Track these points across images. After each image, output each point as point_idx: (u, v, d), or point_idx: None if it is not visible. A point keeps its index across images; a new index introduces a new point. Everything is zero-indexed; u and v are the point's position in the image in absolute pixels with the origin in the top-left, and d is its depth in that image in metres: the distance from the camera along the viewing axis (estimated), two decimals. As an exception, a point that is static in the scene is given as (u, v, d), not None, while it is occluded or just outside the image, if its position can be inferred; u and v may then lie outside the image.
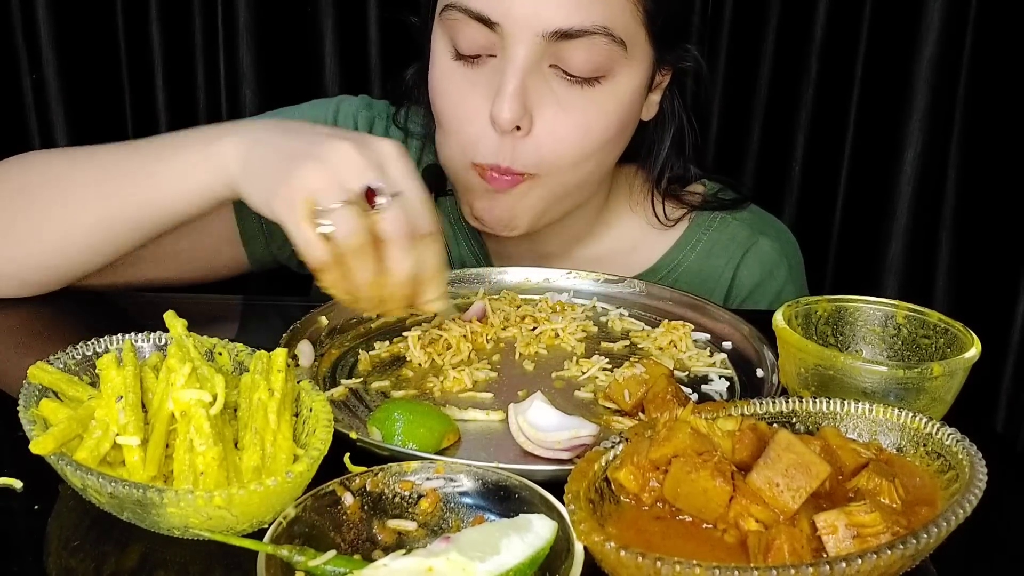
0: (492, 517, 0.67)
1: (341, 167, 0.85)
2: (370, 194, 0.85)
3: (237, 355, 0.80)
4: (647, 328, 1.04)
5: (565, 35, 1.02)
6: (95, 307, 1.03)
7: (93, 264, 1.03)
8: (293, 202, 0.84)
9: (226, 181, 0.94)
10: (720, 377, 0.95)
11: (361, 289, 0.85)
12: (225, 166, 0.93)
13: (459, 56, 1.08)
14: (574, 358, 0.96)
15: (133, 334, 0.80)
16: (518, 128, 1.04)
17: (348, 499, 0.66)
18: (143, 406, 0.70)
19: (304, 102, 1.33)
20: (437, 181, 1.18)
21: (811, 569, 0.55)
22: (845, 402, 0.74)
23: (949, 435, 0.69)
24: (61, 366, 0.76)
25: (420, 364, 0.95)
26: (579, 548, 0.61)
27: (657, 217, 1.26)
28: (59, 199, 1.00)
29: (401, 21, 1.24)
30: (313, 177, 0.84)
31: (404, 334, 0.98)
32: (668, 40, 1.13)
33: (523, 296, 1.09)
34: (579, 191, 1.15)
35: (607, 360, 0.95)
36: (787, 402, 0.74)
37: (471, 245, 1.28)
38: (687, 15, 1.22)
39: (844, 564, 0.56)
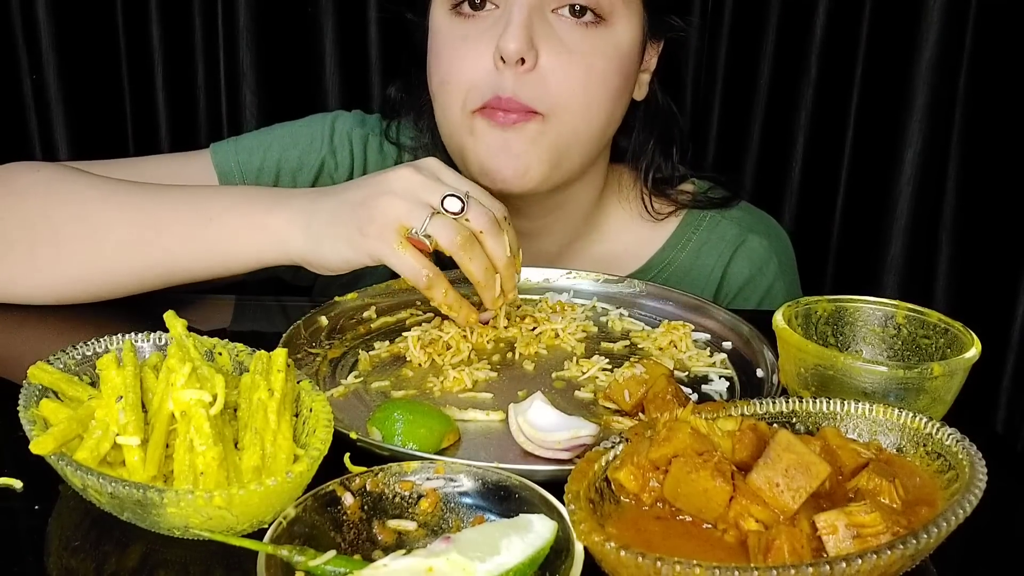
0: (492, 517, 0.67)
1: (413, 189, 0.93)
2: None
3: (237, 355, 0.80)
4: (647, 328, 1.04)
5: None
6: (95, 307, 1.03)
7: (115, 296, 1.04)
8: (386, 234, 0.91)
9: (282, 253, 0.99)
10: (720, 377, 0.95)
11: (481, 281, 0.95)
12: (283, 240, 0.98)
13: (458, 13, 1.11)
14: (574, 358, 0.96)
15: (133, 334, 0.80)
16: (523, 62, 1.06)
17: (348, 499, 0.66)
18: (143, 406, 0.70)
19: (302, 104, 1.33)
20: None
21: (811, 569, 0.55)
22: (845, 402, 0.74)
23: (949, 435, 0.69)
24: (61, 366, 0.76)
25: (420, 364, 0.95)
26: (579, 548, 0.61)
27: (647, 210, 1.27)
28: (90, 240, 1.01)
29: (401, 24, 1.24)
30: (394, 207, 0.92)
31: (404, 334, 0.98)
32: (660, 3, 1.16)
33: (523, 296, 1.09)
34: (586, 147, 1.15)
35: (607, 360, 0.95)
36: (787, 402, 0.75)
37: None
38: None
39: (844, 564, 0.56)
